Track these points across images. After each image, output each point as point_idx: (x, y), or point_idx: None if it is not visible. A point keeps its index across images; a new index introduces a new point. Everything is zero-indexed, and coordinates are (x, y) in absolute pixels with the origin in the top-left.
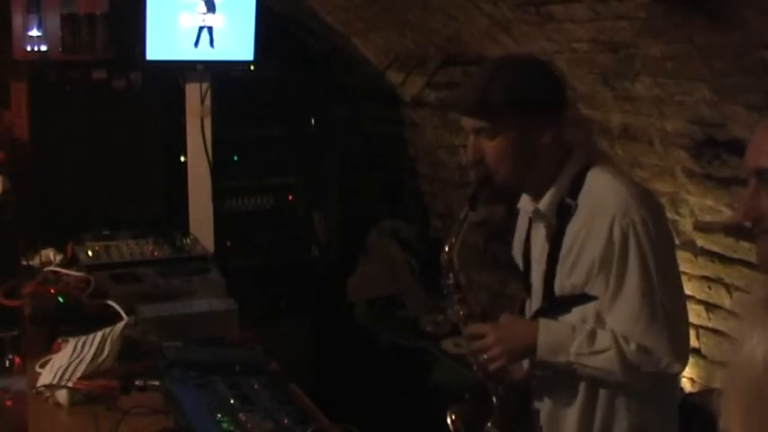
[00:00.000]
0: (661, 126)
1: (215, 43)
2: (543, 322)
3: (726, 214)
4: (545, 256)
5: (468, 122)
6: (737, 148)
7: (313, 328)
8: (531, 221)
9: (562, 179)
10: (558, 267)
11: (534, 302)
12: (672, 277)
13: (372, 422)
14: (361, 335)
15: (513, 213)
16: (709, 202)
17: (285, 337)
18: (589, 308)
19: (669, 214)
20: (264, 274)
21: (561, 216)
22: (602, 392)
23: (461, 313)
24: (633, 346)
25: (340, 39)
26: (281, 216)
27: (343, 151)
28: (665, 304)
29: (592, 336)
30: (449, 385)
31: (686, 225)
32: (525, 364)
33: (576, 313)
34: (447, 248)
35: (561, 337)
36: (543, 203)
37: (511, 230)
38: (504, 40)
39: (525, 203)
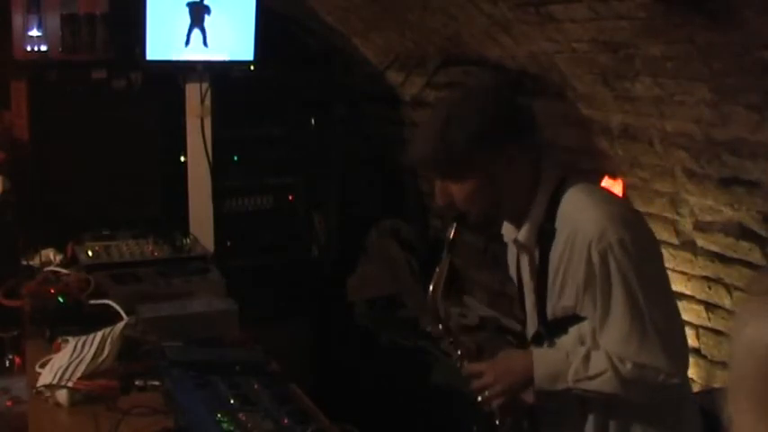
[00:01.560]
0: (661, 126)
1: (213, 43)
2: (538, 354)
3: (726, 214)
4: (533, 282)
5: (431, 172)
6: (737, 148)
7: (313, 328)
8: None
9: (537, 206)
10: (548, 293)
11: (530, 325)
12: (659, 290)
13: (372, 422)
14: (361, 335)
15: None
16: (709, 202)
17: (285, 337)
18: (585, 326)
19: (669, 214)
20: (264, 274)
21: (542, 243)
22: (612, 423)
23: (458, 353)
24: (629, 365)
25: (340, 39)
26: (281, 216)
27: (344, 151)
28: (655, 320)
29: (587, 360)
30: (449, 385)
31: (686, 225)
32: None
33: (573, 333)
34: (431, 294)
35: (557, 366)
36: (522, 235)
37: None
38: (504, 40)
39: (508, 231)
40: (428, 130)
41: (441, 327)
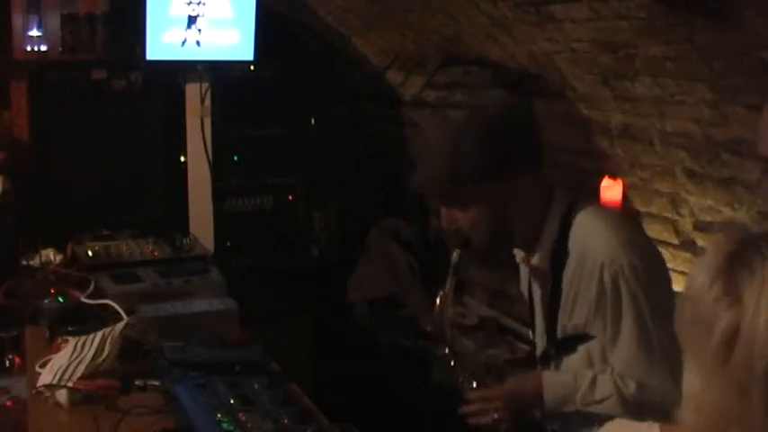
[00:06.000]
0: (661, 126)
1: (214, 43)
2: (547, 378)
3: (726, 214)
4: (545, 302)
5: (435, 200)
6: (737, 148)
7: (313, 328)
8: None
9: (548, 231)
10: (560, 312)
11: (539, 341)
12: (668, 314)
13: (372, 422)
14: (361, 335)
15: None
16: (709, 202)
17: (285, 337)
18: (594, 344)
19: (669, 214)
20: (264, 274)
21: (555, 264)
22: None
23: (466, 374)
24: (632, 388)
25: (340, 39)
26: (281, 216)
27: (343, 151)
28: (663, 343)
29: (593, 384)
30: (449, 385)
31: (686, 225)
32: None
33: (582, 351)
34: (436, 317)
35: (566, 390)
36: (536, 259)
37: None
38: (504, 40)
39: (519, 252)
40: (432, 157)
41: (447, 350)
